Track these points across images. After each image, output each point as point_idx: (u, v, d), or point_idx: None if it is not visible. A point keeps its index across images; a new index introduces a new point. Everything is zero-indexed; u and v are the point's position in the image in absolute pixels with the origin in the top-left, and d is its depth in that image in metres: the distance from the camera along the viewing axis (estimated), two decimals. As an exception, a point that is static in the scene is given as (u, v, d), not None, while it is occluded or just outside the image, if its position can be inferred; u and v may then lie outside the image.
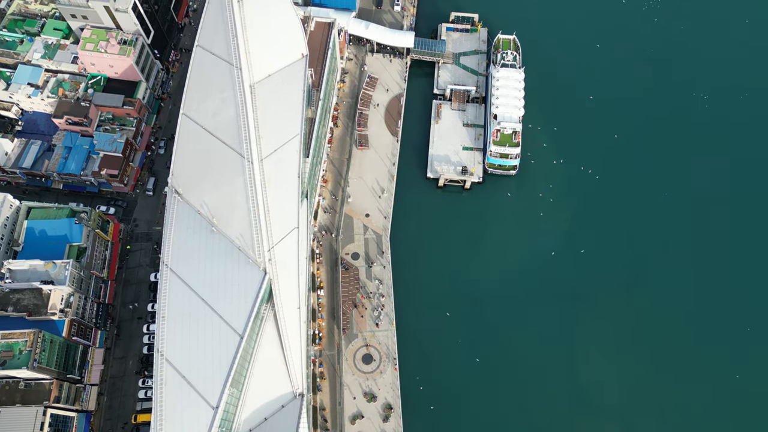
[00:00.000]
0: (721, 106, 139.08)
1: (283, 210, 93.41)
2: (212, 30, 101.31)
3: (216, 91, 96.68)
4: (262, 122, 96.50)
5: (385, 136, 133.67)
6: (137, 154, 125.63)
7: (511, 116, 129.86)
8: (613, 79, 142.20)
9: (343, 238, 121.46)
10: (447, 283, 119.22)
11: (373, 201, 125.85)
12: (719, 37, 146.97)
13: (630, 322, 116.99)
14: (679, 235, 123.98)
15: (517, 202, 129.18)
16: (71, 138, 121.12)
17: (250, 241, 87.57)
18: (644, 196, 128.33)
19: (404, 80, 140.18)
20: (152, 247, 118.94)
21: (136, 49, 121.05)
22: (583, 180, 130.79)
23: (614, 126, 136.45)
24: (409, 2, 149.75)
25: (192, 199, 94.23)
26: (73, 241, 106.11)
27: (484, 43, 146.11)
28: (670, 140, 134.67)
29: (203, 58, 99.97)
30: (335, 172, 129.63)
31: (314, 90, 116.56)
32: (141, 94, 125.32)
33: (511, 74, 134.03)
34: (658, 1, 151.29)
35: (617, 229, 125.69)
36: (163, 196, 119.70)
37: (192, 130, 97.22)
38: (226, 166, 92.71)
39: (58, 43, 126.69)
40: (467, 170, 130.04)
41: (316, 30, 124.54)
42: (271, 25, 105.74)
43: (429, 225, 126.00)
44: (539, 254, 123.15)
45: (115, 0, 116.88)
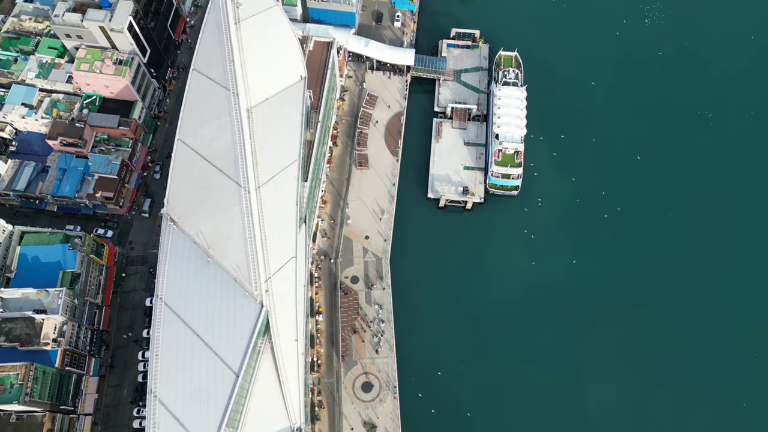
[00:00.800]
0: (727, 124, 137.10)
1: (281, 239, 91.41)
2: (209, 53, 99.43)
3: (212, 117, 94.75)
4: (259, 148, 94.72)
5: (385, 155, 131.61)
6: (133, 175, 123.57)
7: (513, 136, 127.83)
8: (616, 96, 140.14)
9: (342, 261, 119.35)
10: (448, 307, 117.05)
11: (372, 223, 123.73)
12: (724, 53, 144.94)
13: (634, 346, 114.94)
14: (684, 258, 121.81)
15: (520, 223, 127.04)
16: (66, 159, 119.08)
17: (247, 272, 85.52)
18: (648, 217, 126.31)
19: (404, 98, 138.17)
20: (148, 271, 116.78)
21: (131, 69, 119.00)
22: (587, 200, 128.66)
23: (618, 145, 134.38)
24: (410, 18, 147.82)
25: (187, 227, 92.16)
26: (67, 268, 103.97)
27: (485, 59, 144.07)
28: (676, 159, 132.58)
29: (199, 82, 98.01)
30: (334, 193, 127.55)
31: (313, 111, 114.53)
32: (137, 114, 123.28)
33: (512, 92, 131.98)
34: (660, 17, 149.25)
35: (621, 251, 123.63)
36: (159, 218, 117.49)
37: (188, 157, 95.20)
38: (222, 194, 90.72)
39: (52, 62, 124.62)
40: (468, 191, 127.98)
41: (314, 49, 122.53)
42: (269, 46, 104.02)
43: (430, 247, 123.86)
44: (542, 276, 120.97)
45: (111, 20, 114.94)
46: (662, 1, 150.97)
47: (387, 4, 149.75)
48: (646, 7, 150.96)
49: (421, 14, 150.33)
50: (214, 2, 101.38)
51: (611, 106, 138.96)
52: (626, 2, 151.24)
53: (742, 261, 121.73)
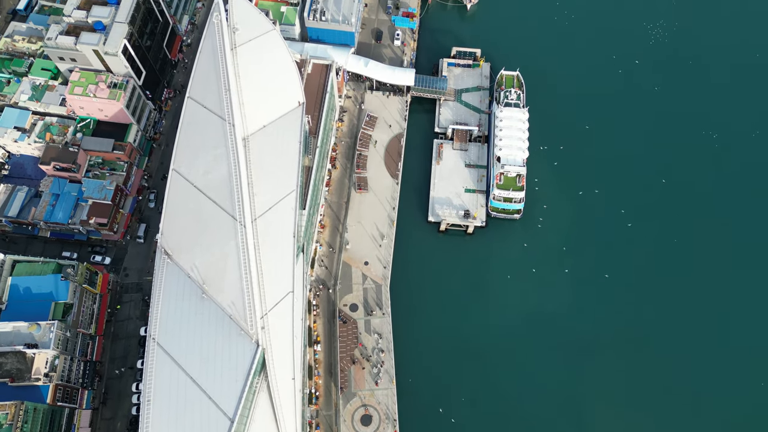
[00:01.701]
0: (732, 144, 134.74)
1: (278, 273, 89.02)
2: (204, 80, 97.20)
3: (208, 147, 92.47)
4: (256, 178, 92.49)
5: (384, 178, 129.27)
6: (128, 199, 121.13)
7: (515, 159, 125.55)
8: (620, 117, 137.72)
9: (341, 287, 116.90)
10: (449, 336, 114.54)
11: (372, 248, 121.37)
12: (728, 72, 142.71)
13: (639, 376, 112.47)
14: (690, 286, 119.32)
15: (522, 248, 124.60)
16: (59, 184, 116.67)
17: (242, 310, 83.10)
18: (653, 243, 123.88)
19: (404, 119, 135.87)
20: (142, 299, 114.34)
21: (126, 93, 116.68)
22: (590, 225, 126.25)
23: (622, 168, 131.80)
24: (410, 36, 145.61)
25: (182, 260, 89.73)
26: (59, 299, 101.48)
27: (486, 78, 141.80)
28: (680, 183, 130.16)
29: (195, 111, 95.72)
30: (333, 217, 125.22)
31: (311, 136, 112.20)
32: (132, 138, 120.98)
33: (514, 114, 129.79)
34: (664, 36, 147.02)
35: (625, 278, 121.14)
36: (154, 243, 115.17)
37: (183, 188, 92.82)
38: (217, 227, 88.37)
39: (46, 84, 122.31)
40: (470, 214, 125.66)
41: (313, 72, 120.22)
42: (266, 72, 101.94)
43: (430, 273, 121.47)
44: (544, 303, 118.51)
45: (105, 43, 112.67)
46: (666, 20, 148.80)
47: (387, 22, 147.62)
48: (650, 25, 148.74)
49: (422, 32, 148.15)
50: (210, 28, 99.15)
51: (615, 127, 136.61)
52: (630, 21, 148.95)
53: (750, 289, 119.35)
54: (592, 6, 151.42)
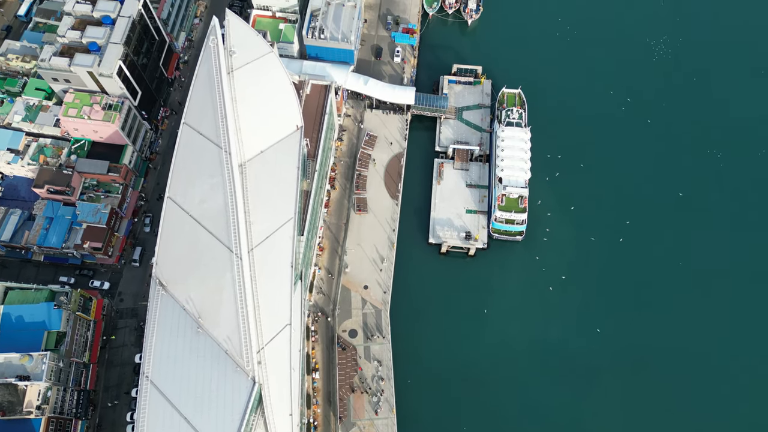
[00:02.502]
0: (737, 164, 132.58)
1: (275, 305, 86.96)
2: (200, 105, 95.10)
3: (204, 175, 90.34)
4: (252, 206, 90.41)
5: (384, 199, 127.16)
6: (123, 222, 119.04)
7: (517, 180, 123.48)
8: (624, 134, 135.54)
9: (340, 312, 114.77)
10: (451, 362, 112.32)
11: (372, 271, 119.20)
12: (733, 90, 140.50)
13: (642, 402, 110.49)
14: (695, 310, 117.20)
15: (524, 270, 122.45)
16: (53, 207, 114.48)
17: (239, 345, 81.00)
18: (658, 266, 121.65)
19: (404, 138, 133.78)
20: (138, 324, 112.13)
21: (121, 115, 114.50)
22: (594, 247, 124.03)
23: (627, 187, 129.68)
24: (410, 53, 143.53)
25: (177, 292, 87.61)
26: (52, 328, 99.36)
27: (488, 96, 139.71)
28: (686, 204, 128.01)
29: (190, 138, 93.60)
30: (332, 239, 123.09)
31: (310, 160, 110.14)
32: (127, 159, 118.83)
33: (516, 134, 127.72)
34: (668, 52, 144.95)
35: (628, 299, 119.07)
36: (149, 266, 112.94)
37: (178, 217, 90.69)
38: (213, 259, 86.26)
39: (40, 104, 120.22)
40: (471, 236, 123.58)
41: (312, 93, 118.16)
42: (264, 95, 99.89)
43: (431, 296, 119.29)
44: (547, 328, 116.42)
45: (99, 64, 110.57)
46: (670, 36, 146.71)
47: (387, 38, 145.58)
48: (653, 41, 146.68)
49: (422, 48, 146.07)
50: (206, 52, 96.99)
51: (618, 146, 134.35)
52: (633, 37, 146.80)
53: (756, 312, 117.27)
54: (594, 22, 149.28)
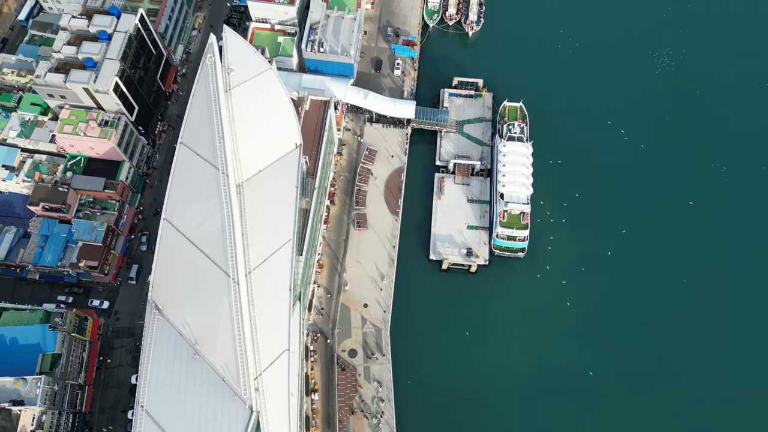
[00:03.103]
0: (741, 178, 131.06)
1: (273, 330, 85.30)
2: (197, 125, 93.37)
3: (201, 197, 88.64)
4: (250, 228, 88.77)
5: (384, 214, 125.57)
6: (119, 239, 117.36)
7: (519, 196, 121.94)
8: (626, 148, 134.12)
9: (339, 332, 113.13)
10: (452, 383, 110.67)
11: (372, 289, 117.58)
12: (737, 102, 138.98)
13: (645, 424, 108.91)
14: (700, 331, 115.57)
15: (527, 288, 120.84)
16: (48, 225, 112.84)
17: (236, 372, 79.33)
18: (661, 283, 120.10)
19: (405, 153, 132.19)
20: (134, 345, 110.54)
21: (118, 131, 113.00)
22: (597, 263, 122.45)
23: (630, 201, 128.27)
24: (410, 66, 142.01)
25: (173, 317, 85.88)
26: (47, 350, 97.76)
27: (489, 109, 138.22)
28: (688, 218, 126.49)
29: (187, 158, 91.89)
30: (331, 255, 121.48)
31: (309, 178, 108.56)
32: (124, 175, 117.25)
33: (518, 148, 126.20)
34: (671, 65, 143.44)
35: (634, 318, 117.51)
36: (146, 285, 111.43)
37: (174, 239, 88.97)
38: (210, 283, 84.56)
39: (35, 120, 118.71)
40: (472, 252, 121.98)
41: (311, 109, 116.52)
42: (262, 113, 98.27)
43: (432, 314, 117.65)
44: (550, 347, 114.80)
45: (95, 81, 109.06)
46: (673, 48, 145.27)
47: (387, 50, 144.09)
48: (656, 53, 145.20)
49: (422, 61, 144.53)
50: (203, 70, 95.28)
51: (621, 160, 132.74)
52: (636, 49, 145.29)
53: (761, 332, 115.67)
54: (596, 34, 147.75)
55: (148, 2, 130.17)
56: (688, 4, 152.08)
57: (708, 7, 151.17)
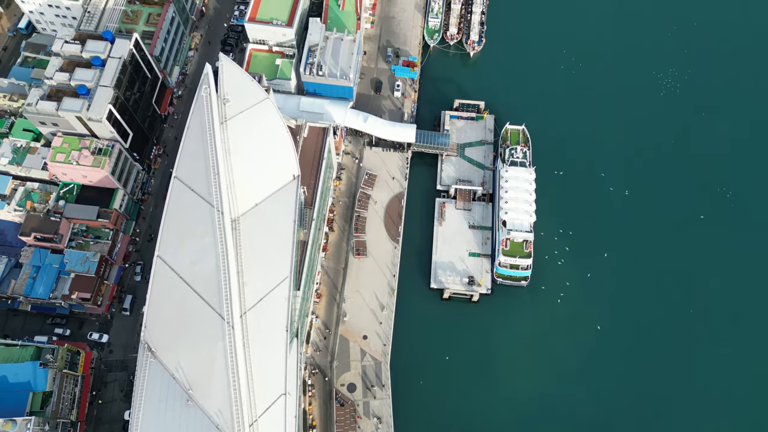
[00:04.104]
0: (747, 204, 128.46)
1: (269, 374, 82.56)
2: (192, 160, 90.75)
3: (195, 235, 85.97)
4: (246, 265, 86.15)
5: (384, 242, 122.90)
6: (113, 269, 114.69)
7: (522, 223, 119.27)
8: (631, 172, 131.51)
9: (338, 365, 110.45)
10: (454, 418, 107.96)
11: (371, 320, 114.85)
12: (743, 125, 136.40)
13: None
14: (706, 366, 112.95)
15: (530, 318, 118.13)
16: (40, 255, 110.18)
17: (230, 420, 76.65)
18: (668, 314, 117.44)
19: (405, 177, 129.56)
20: (127, 378, 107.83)
21: (111, 159, 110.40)
22: (603, 291, 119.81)
23: (636, 227, 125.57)
24: (410, 87, 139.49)
25: (166, 359, 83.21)
26: (38, 389, 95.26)
27: (490, 132, 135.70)
28: (696, 245, 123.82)
29: (181, 193, 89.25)
30: (330, 285, 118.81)
31: (307, 208, 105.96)
32: (118, 203, 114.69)
33: (520, 174, 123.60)
34: (675, 86, 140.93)
35: (641, 349, 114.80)
36: (140, 316, 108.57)
37: (168, 277, 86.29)
38: (203, 325, 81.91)
39: (27, 146, 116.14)
40: (474, 281, 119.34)
41: (310, 136, 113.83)
42: (259, 145, 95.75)
43: (433, 346, 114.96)
44: (554, 379, 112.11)
45: (88, 109, 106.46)
46: (678, 68, 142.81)
47: (387, 71, 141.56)
48: (660, 73, 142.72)
49: (423, 82, 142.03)
50: (198, 102, 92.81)
51: (627, 184, 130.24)
52: (640, 70, 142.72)
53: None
54: (599, 54, 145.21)
55: (143, 24, 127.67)
56: (694, 23, 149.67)
57: (714, 26, 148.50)
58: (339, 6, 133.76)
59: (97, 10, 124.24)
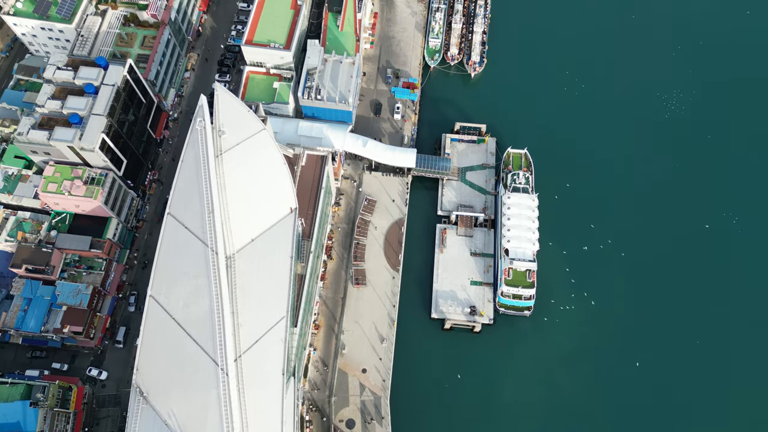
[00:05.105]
0: (755, 231, 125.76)
1: (265, 420, 79.88)
2: (186, 196, 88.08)
3: (188, 275, 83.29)
4: (242, 305, 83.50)
5: (384, 270, 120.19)
6: (106, 300, 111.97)
7: (525, 252, 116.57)
8: (636, 198, 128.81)
9: (336, 400, 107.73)
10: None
11: (371, 353, 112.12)
12: (750, 149, 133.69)
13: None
14: (714, 401, 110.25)
15: (534, 349, 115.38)
16: (31, 287, 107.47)
17: (225, 471, 74.14)
18: (675, 346, 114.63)
19: (405, 203, 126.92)
20: (120, 414, 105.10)
21: (105, 188, 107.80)
22: (608, 320, 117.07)
23: (641, 255, 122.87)
24: (411, 110, 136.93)
25: (158, 404, 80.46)
26: (27, 429, 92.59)
27: (492, 155, 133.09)
28: (702, 273, 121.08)
29: (175, 231, 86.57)
30: (328, 315, 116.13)
31: (305, 241, 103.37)
32: (111, 233, 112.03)
33: (523, 201, 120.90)
34: (681, 108, 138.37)
35: (646, 380, 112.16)
36: (134, 349, 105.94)
37: (161, 319, 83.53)
38: (197, 371, 79.14)
39: (19, 174, 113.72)
40: (476, 311, 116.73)
41: (308, 164, 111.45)
42: (255, 177, 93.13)
43: (434, 379, 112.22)
44: (560, 414, 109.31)
45: (81, 138, 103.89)
46: (683, 89, 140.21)
47: (386, 92, 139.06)
48: (665, 95, 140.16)
49: (423, 103, 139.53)
50: (192, 135, 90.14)
51: (631, 209, 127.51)
52: (644, 92, 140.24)
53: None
54: (603, 75, 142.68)
55: (138, 47, 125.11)
56: (700, 42, 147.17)
57: (720, 45, 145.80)
58: (338, 27, 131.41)
59: (90, 34, 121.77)
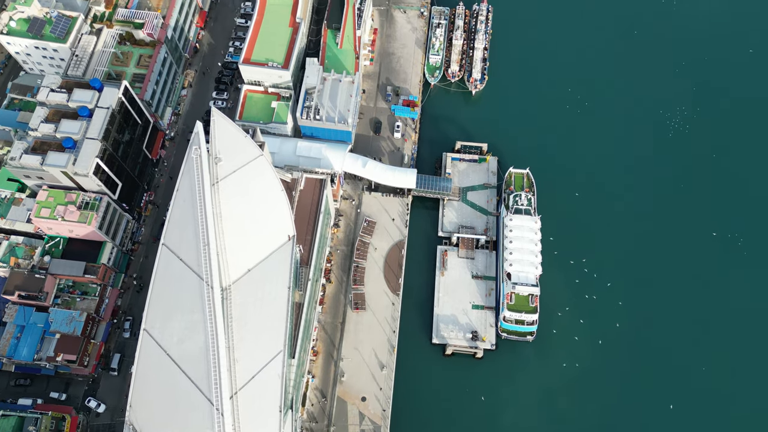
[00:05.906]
0: (760, 251, 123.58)
1: (262, 459, 77.93)
2: (181, 226, 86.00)
3: (183, 310, 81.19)
4: (237, 339, 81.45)
5: (384, 294, 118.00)
6: (100, 326, 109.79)
7: (527, 276, 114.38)
8: (640, 219, 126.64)
9: (335, 429, 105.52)
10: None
11: (370, 380, 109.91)
12: (754, 169, 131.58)
13: None
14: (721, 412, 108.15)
15: (537, 375, 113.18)
16: (24, 314, 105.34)
17: None
18: (679, 370, 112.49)
19: (405, 224, 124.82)
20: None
21: (99, 213, 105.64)
22: (613, 345, 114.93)
23: (645, 276, 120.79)
24: (411, 128, 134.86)
25: (153, 443, 78.59)
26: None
27: (493, 175, 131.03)
28: (707, 296, 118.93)
29: (169, 263, 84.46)
30: (327, 341, 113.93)
31: (303, 267, 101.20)
32: (106, 257, 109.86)
33: (525, 223, 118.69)
34: (685, 127, 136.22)
35: (651, 405, 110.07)
36: (129, 376, 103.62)
37: (155, 354, 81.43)
38: (192, 409, 77.02)
39: (12, 197, 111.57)
40: (478, 336, 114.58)
41: (306, 187, 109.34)
42: (252, 205, 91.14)
43: (436, 406, 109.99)
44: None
45: (75, 163, 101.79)
46: (687, 107, 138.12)
47: (386, 110, 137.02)
48: (668, 113, 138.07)
49: (423, 121, 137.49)
50: (188, 163, 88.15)
51: (635, 231, 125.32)
52: (647, 111, 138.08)
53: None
54: (605, 92, 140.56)
55: (134, 66, 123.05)
56: (705, 58, 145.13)
57: (724, 62, 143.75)
58: (337, 44, 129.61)
59: (85, 53, 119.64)
